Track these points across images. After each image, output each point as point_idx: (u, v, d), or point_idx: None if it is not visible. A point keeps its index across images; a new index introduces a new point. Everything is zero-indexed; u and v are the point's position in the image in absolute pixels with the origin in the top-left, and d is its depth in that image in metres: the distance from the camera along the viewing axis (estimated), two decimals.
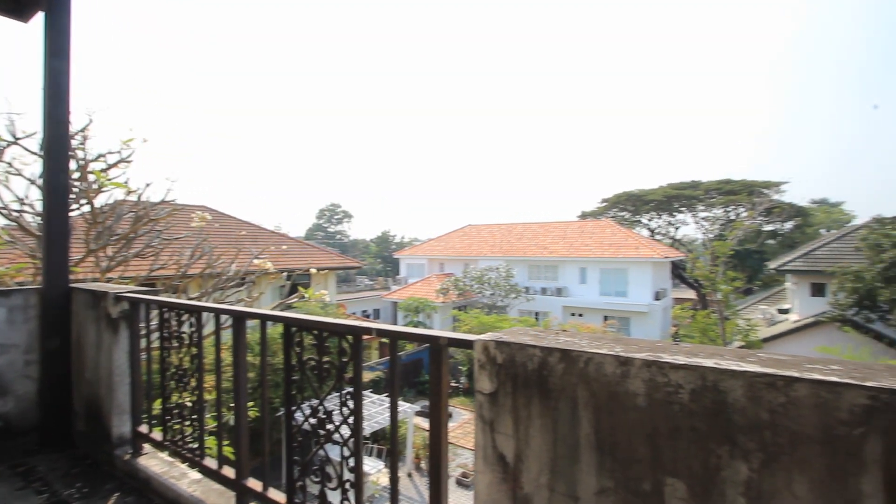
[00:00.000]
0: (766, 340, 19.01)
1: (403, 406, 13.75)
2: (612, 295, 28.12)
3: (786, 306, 24.02)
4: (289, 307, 5.39)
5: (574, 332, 1.27)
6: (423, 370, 20.21)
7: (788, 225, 37.65)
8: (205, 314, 2.29)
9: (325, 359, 1.71)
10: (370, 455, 13.16)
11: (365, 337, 1.59)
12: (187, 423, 2.38)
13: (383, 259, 62.37)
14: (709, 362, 0.95)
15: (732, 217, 34.48)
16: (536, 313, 29.37)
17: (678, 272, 31.53)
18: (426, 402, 3.90)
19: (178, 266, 5.03)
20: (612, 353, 1.05)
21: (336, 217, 70.24)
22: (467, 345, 1.30)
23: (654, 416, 1.00)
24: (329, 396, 1.74)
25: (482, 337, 1.24)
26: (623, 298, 27.67)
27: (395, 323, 32.51)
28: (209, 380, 2.59)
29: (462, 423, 16.56)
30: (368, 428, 11.97)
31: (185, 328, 2.38)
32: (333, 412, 1.76)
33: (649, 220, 40.53)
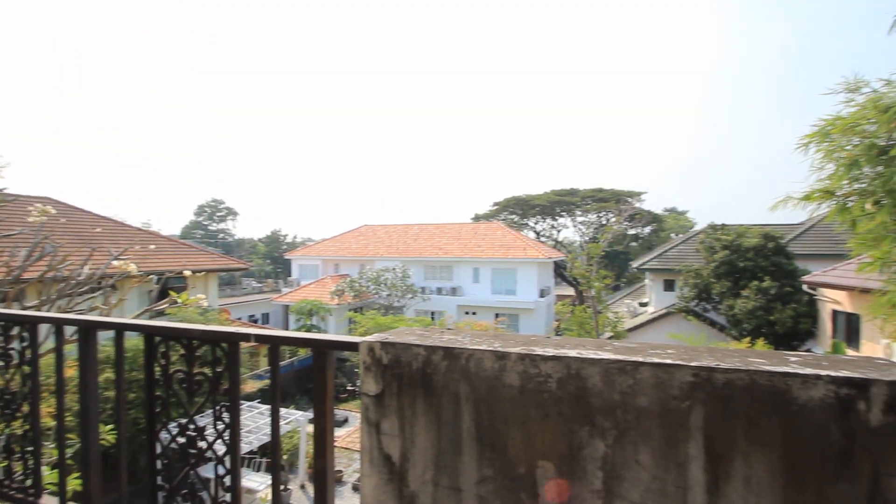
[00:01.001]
0: (630, 330, 21.63)
1: (296, 414, 13.08)
2: (503, 293, 29.79)
3: (645, 300, 27.58)
4: (160, 314, 4.80)
5: (457, 330, 1.31)
6: None
7: (647, 229, 43.37)
8: (42, 326, 1.94)
9: (197, 370, 1.56)
10: (260, 470, 12.28)
11: (249, 344, 1.48)
12: (17, 456, 1.99)
13: (273, 260, 58.63)
14: (573, 352, 1.05)
15: (604, 222, 38.71)
16: (432, 313, 29.94)
17: (560, 271, 34.50)
18: None
19: (7, 269, 4.19)
20: (491, 348, 1.11)
21: (218, 214, 64.34)
22: (352, 347, 1.28)
23: (528, 404, 1.08)
24: (204, 411, 1.59)
25: (367, 338, 1.22)
26: (512, 296, 29.46)
27: (286, 327, 30.76)
28: (51, 403, 2.20)
29: (359, 427, 16.24)
30: (257, 441, 11.19)
31: (15, 344, 1.99)
32: (206, 428, 1.60)
33: (535, 224, 43.75)
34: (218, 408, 1.51)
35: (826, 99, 3.36)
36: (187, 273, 5.54)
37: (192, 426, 1.58)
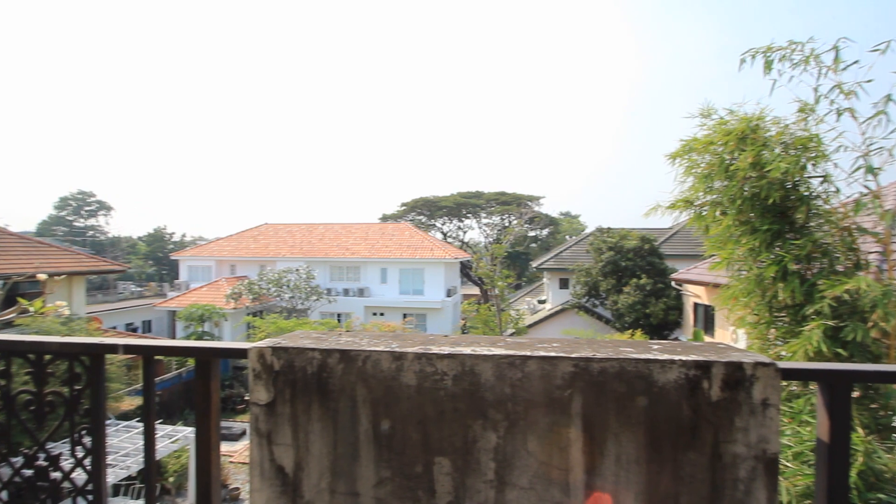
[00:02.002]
0: (530, 326, 22.98)
1: (185, 431, 11.87)
2: (411, 293, 29.94)
3: (544, 298, 29.52)
4: (7, 325, 4.05)
5: (356, 332, 1.29)
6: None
7: (545, 232, 46.50)
8: None
9: (51, 389, 1.34)
10: (140, 497, 10.93)
11: (121, 357, 1.31)
12: None
13: (157, 261, 52.59)
14: (467, 350, 1.09)
15: (506, 224, 40.73)
16: (339, 315, 29.10)
17: (466, 271, 35.59)
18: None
19: None
20: (389, 349, 1.11)
21: (87, 209, 56.10)
22: (240, 354, 1.19)
23: (425, 403, 1.09)
24: (60, 436, 1.37)
25: (257, 344, 1.15)
26: (420, 296, 29.73)
27: (172, 336, 27.79)
28: None
29: None
30: (136, 465, 9.95)
31: None
32: (62, 456, 1.39)
33: (443, 225, 44.64)
34: (78, 431, 1.32)
35: (687, 121, 3.89)
36: (42, 276, 4.74)
37: (42, 455, 1.36)
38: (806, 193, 3.51)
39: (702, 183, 3.79)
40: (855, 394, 3.24)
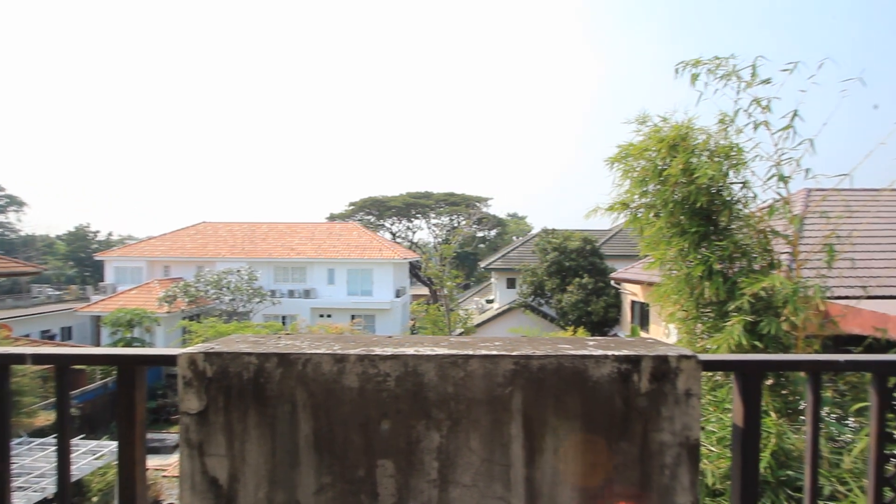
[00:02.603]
0: (478, 326, 23.31)
1: (111, 445, 11.00)
2: (359, 294, 29.46)
3: (491, 297, 30.05)
4: None
5: (297, 335, 1.25)
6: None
7: (493, 232, 47.37)
8: None
9: None
10: None
11: (35, 368, 1.19)
12: None
13: (79, 262, 48.31)
14: (410, 350, 1.09)
15: (455, 224, 41.10)
16: (283, 317, 28.11)
17: (415, 271, 35.55)
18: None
19: None
20: (330, 351, 1.08)
21: None
22: (168, 361, 1.12)
23: (367, 405, 1.08)
24: None
25: (188, 350, 1.09)
26: (369, 297, 29.33)
27: (97, 343, 25.63)
28: None
29: None
30: (53, 487, 9.10)
31: None
32: None
33: (391, 225, 44.31)
34: None
35: (628, 126, 4.11)
36: None
37: None
38: (728, 198, 3.81)
39: (637, 187, 4.02)
40: (769, 382, 3.56)
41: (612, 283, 19.29)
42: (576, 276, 20.03)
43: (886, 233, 10.62)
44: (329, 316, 28.60)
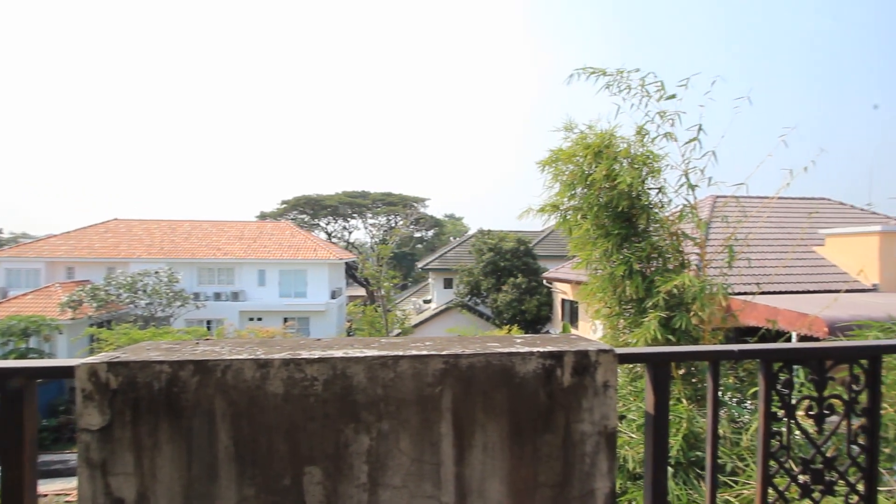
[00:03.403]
0: (416, 326, 23.32)
1: None
2: (292, 296, 28.34)
3: (429, 297, 30.17)
4: None
5: (217, 340, 1.18)
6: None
7: (430, 233, 47.60)
8: None
9: None
10: None
11: None
12: None
13: None
14: (339, 353, 1.07)
15: (393, 225, 40.82)
16: (209, 321, 26.37)
17: (351, 272, 34.83)
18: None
19: None
20: (253, 356, 1.04)
21: None
22: (64, 373, 1.01)
23: (293, 411, 1.04)
24: None
25: (87, 360, 0.99)
26: (303, 299, 28.29)
27: None
28: None
29: None
30: None
31: None
32: None
33: (327, 224, 43.10)
34: None
35: (561, 132, 4.30)
36: None
37: None
38: (646, 203, 4.10)
39: (566, 190, 4.22)
40: (681, 372, 3.89)
41: (545, 282, 20.11)
42: (510, 276, 20.65)
43: (775, 235, 12.02)
44: (260, 319, 27.22)
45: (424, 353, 1.08)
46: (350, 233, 44.15)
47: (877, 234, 10.71)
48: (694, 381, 3.92)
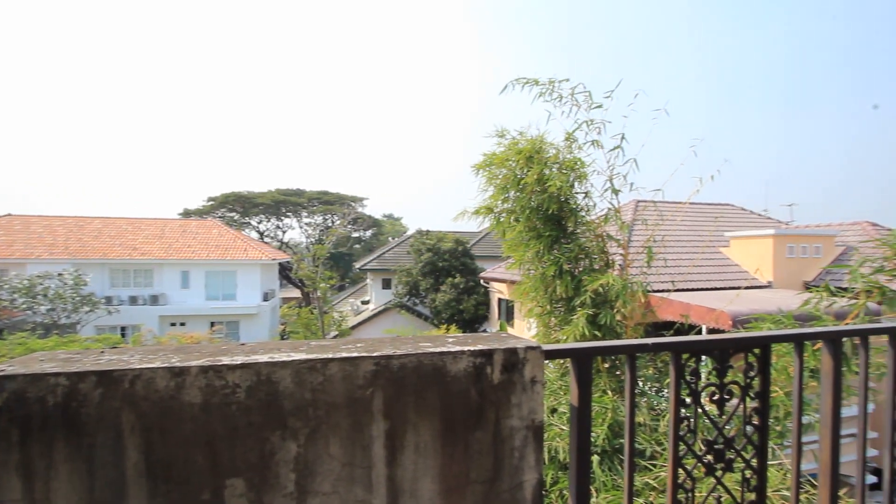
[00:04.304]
0: (354, 327, 22.88)
1: None
2: (220, 299, 26.71)
3: (367, 298, 29.72)
4: None
5: (125, 349, 1.09)
6: None
7: (368, 233, 46.91)
8: None
9: None
10: None
11: None
12: None
13: None
14: (264, 357, 1.02)
15: (329, 224, 39.73)
16: (123, 328, 24.21)
17: (286, 273, 33.44)
18: None
19: None
20: (167, 365, 0.96)
21: None
22: None
23: (213, 421, 0.98)
24: None
25: None
26: (232, 302, 26.75)
27: None
28: None
29: None
30: None
31: None
32: None
33: (259, 223, 41.07)
34: None
35: (492, 138, 4.41)
36: None
37: None
38: (574, 206, 4.32)
39: (500, 193, 4.34)
40: (606, 366, 4.14)
41: (482, 282, 20.52)
42: (449, 276, 20.85)
43: (688, 237, 13.15)
44: (183, 324, 25.40)
45: (355, 354, 1.07)
46: (284, 232, 42.36)
47: (770, 237, 12.04)
48: (618, 373, 4.18)
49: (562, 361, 4.18)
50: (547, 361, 1.26)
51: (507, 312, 18.16)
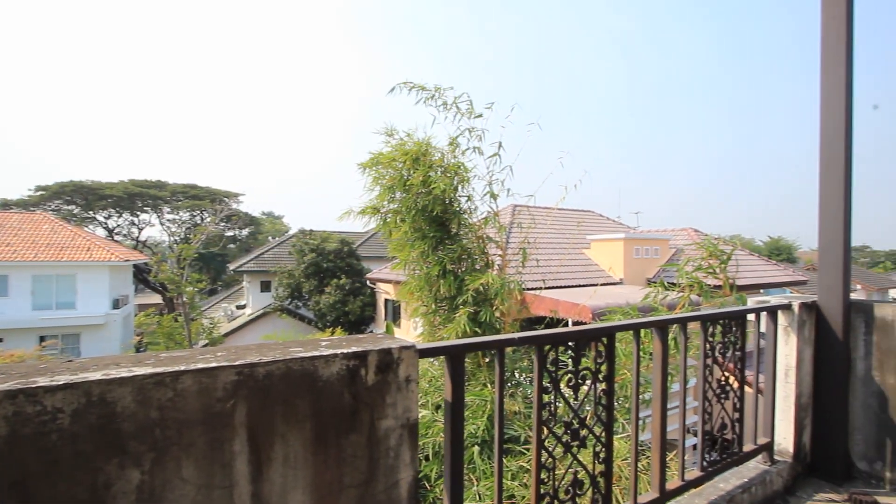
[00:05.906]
0: (227, 335, 20.93)
1: None
2: (54, 308, 22.41)
3: (243, 302, 27.42)
4: None
5: None
6: None
7: (245, 232, 43.29)
8: None
9: None
10: None
11: None
12: None
13: None
14: (97, 375, 0.88)
15: (198, 221, 35.76)
16: None
17: (143, 276, 29.24)
18: None
19: None
20: None
21: None
22: None
23: (24, 456, 0.82)
24: None
25: None
26: (70, 311, 22.60)
27: None
28: None
29: None
30: None
31: None
32: None
33: (107, 218, 35.33)
34: None
35: (379, 137, 4.37)
36: None
37: None
38: (457, 209, 4.49)
39: (386, 193, 4.33)
40: (486, 360, 4.36)
41: (368, 282, 20.24)
42: (334, 277, 20.18)
43: (557, 239, 14.54)
44: (0, 340, 20.77)
45: (213, 364, 0.97)
46: (141, 229, 36.99)
47: (621, 241, 13.89)
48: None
49: (436, 360, 4.31)
50: (433, 359, 1.29)
51: (394, 313, 18.17)
